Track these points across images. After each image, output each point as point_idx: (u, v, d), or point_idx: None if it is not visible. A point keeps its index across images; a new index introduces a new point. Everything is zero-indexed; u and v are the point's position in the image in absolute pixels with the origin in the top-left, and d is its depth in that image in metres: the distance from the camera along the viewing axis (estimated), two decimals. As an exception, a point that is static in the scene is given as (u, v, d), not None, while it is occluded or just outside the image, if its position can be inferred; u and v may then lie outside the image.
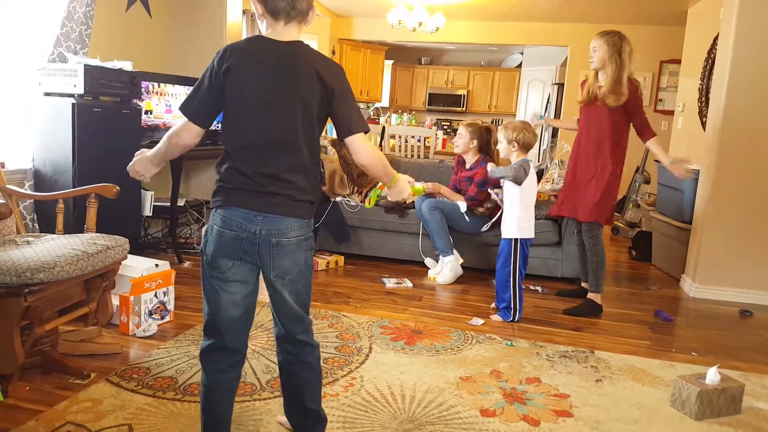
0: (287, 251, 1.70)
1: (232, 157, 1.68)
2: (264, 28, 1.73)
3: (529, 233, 3.47)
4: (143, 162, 1.90)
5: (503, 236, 3.49)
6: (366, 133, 1.75)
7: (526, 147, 3.44)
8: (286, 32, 1.69)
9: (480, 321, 3.41)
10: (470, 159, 4.38)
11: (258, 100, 1.66)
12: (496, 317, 3.49)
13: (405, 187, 1.92)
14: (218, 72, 1.67)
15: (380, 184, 1.96)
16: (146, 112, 4.28)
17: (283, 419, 2.06)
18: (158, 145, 1.83)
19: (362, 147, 1.75)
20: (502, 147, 3.51)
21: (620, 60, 3.40)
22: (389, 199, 1.97)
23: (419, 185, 2.10)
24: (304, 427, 1.93)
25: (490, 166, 3.66)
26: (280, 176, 1.66)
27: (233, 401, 1.84)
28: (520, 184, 3.37)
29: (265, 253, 1.68)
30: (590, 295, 3.71)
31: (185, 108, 1.71)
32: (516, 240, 3.43)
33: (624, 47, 3.41)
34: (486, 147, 4.34)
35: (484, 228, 4.25)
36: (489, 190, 3.99)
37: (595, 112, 3.56)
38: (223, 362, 1.77)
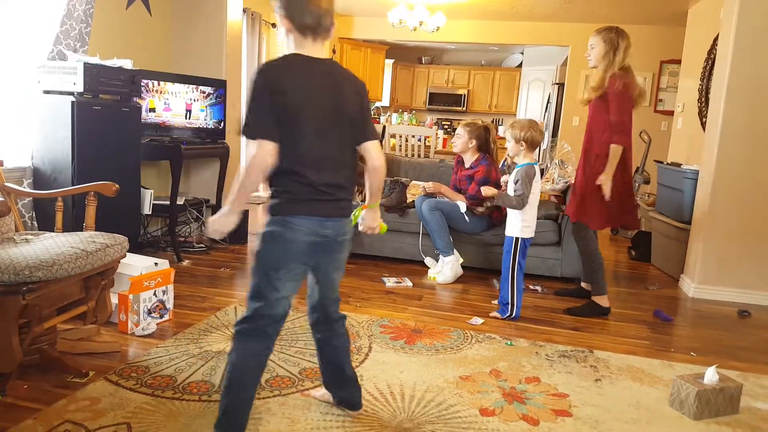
0: (346, 245, 2.00)
1: (297, 171, 1.80)
2: (291, 43, 1.85)
3: (527, 233, 3.48)
4: (223, 220, 1.86)
5: (507, 234, 3.52)
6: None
7: (533, 145, 3.45)
8: (316, 49, 1.85)
9: (480, 320, 3.41)
10: (469, 158, 4.37)
11: (316, 118, 1.81)
12: (494, 313, 3.50)
13: (378, 216, 2.19)
14: (275, 92, 1.76)
15: (363, 204, 2.14)
16: (150, 110, 4.28)
17: (320, 393, 2.30)
18: (239, 193, 1.80)
19: (378, 152, 1.98)
20: (510, 146, 3.51)
21: (614, 57, 3.37)
22: (362, 225, 2.19)
23: (384, 224, 2.27)
24: (350, 392, 2.21)
25: (496, 193, 3.62)
26: (341, 184, 1.89)
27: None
28: (523, 206, 3.41)
29: (329, 250, 1.93)
30: (593, 298, 3.67)
31: (264, 132, 1.75)
32: (517, 239, 3.45)
33: (620, 43, 3.37)
34: (485, 146, 4.34)
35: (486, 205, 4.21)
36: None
37: (590, 110, 3.54)
38: (264, 345, 1.93)
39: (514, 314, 3.47)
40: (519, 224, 3.44)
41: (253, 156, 1.75)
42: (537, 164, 3.48)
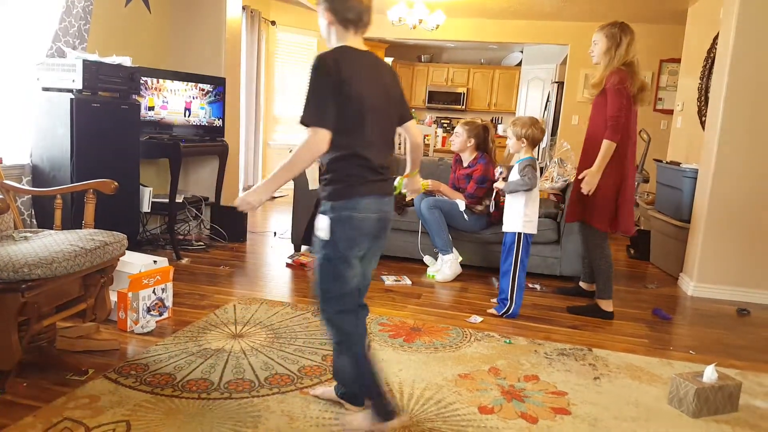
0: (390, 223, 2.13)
1: (361, 154, 1.93)
2: (333, 35, 1.99)
3: (531, 228, 3.47)
4: (260, 193, 1.92)
5: (508, 230, 3.50)
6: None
7: (534, 143, 3.45)
8: (357, 42, 1.99)
9: (479, 318, 3.42)
10: (467, 157, 4.37)
11: (374, 105, 1.94)
12: (492, 310, 3.50)
13: (419, 179, 2.41)
14: (336, 81, 1.85)
15: (406, 171, 2.32)
16: (149, 108, 4.28)
17: (320, 391, 2.33)
18: (282, 172, 1.87)
19: (417, 129, 2.24)
20: (511, 143, 3.50)
21: (615, 53, 3.30)
22: (407, 189, 2.38)
23: (424, 181, 2.40)
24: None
25: (503, 184, 3.56)
26: (389, 165, 2.05)
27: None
28: (534, 187, 3.41)
29: (385, 227, 2.06)
30: (598, 301, 3.60)
31: (321, 120, 1.83)
32: (520, 234, 3.44)
33: (622, 39, 3.30)
34: (483, 145, 4.34)
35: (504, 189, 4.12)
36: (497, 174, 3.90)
37: (593, 108, 3.48)
38: (358, 318, 2.10)
39: (511, 311, 3.47)
40: (521, 219, 3.43)
41: (307, 141, 1.83)
42: (536, 159, 3.49)
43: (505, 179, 3.59)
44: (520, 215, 3.44)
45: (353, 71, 1.89)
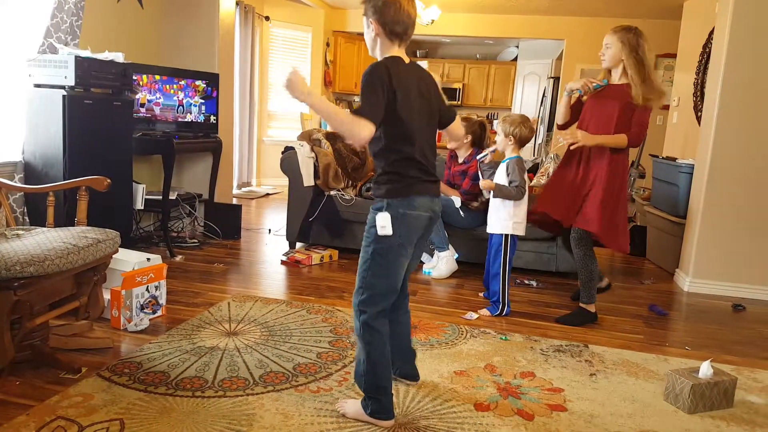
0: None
1: (414, 157, 2.07)
2: (378, 46, 2.11)
3: (519, 230, 3.46)
4: (306, 91, 1.95)
5: (494, 232, 3.48)
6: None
7: (522, 142, 3.44)
8: (402, 53, 2.12)
9: (474, 315, 3.41)
10: (463, 153, 4.36)
11: (421, 111, 2.10)
12: (484, 311, 3.48)
13: None
14: (389, 88, 1.98)
15: None
16: (142, 104, 4.26)
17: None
18: (324, 108, 1.95)
19: (460, 124, 2.40)
20: (499, 140, 3.49)
21: (638, 57, 3.12)
22: None
23: None
24: (413, 366, 2.47)
25: (491, 188, 3.47)
26: (435, 166, 2.18)
27: None
28: (524, 196, 3.40)
29: (432, 225, 2.18)
30: (582, 305, 3.45)
31: (371, 115, 1.93)
32: (507, 236, 3.43)
33: (640, 44, 3.13)
34: (479, 141, 4.33)
35: (486, 196, 3.95)
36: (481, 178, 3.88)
37: (604, 107, 3.26)
38: (387, 322, 2.17)
39: (505, 312, 3.46)
40: (509, 221, 3.41)
41: (355, 121, 1.90)
42: (522, 158, 3.47)
43: (487, 169, 3.58)
44: (509, 217, 3.41)
45: (403, 81, 2.02)
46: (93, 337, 2.75)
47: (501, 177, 3.46)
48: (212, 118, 4.78)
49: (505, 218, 3.43)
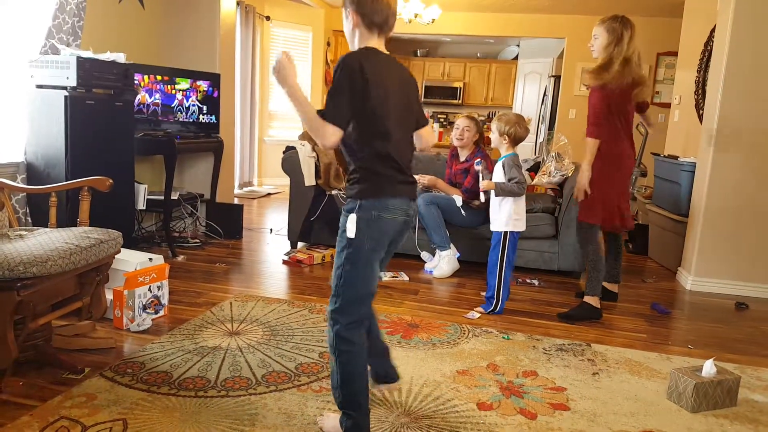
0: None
1: (389, 155, 1.94)
2: (357, 38, 2.01)
3: (520, 226, 3.46)
4: (292, 81, 1.91)
5: (495, 229, 3.49)
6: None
7: (516, 141, 3.44)
8: (381, 45, 2.01)
9: (476, 314, 3.41)
10: (465, 152, 4.36)
11: (397, 106, 1.97)
12: (479, 308, 3.47)
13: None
14: (361, 83, 1.86)
15: None
16: (144, 104, 4.26)
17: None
18: (299, 100, 1.89)
19: (431, 133, 2.26)
20: (494, 138, 3.48)
21: (618, 48, 3.21)
22: None
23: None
24: (389, 364, 2.25)
25: (492, 188, 3.47)
26: (411, 166, 2.06)
27: None
28: (524, 193, 3.41)
29: (405, 230, 2.05)
30: (586, 299, 3.46)
31: (336, 118, 1.85)
32: (506, 233, 3.43)
33: (624, 34, 3.21)
34: (480, 139, 4.35)
35: (482, 199, 4.03)
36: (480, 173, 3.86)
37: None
38: (366, 326, 2.04)
39: (497, 309, 3.45)
40: (508, 218, 3.42)
41: (322, 127, 1.83)
42: (517, 155, 3.47)
43: (484, 176, 3.61)
44: (509, 214, 3.42)
45: (377, 74, 1.90)
46: (96, 338, 2.75)
47: (498, 175, 3.46)
48: (213, 117, 4.78)
49: (505, 215, 3.43)
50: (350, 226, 1.92)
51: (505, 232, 3.43)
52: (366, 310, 2.02)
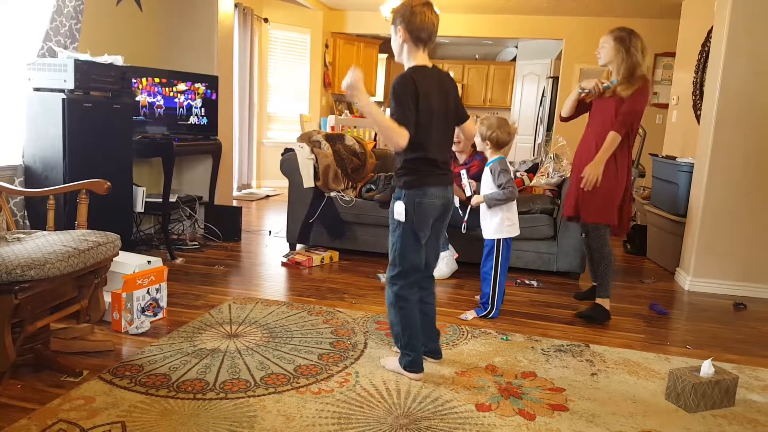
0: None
1: (429, 154, 2.39)
2: (405, 51, 2.40)
3: (514, 231, 3.43)
4: (364, 98, 2.30)
5: (486, 237, 3.46)
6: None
7: (498, 145, 3.35)
8: (425, 58, 2.41)
9: (470, 315, 3.40)
10: (463, 155, 4.36)
11: (440, 115, 2.41)
12: (472, 312, 3.45)
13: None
14: (417, 96, 2.31)
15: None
16: (142, 107, 4.26)
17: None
18: (375, 116, 2.31)
19: (473, 125, 2.73)
20: (477, 141, 3.43)
21: (629, 54, 3.23)
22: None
23: None
24: (437, 343, 2.74)
25: (481, 198, 3.48)
26: (449, 161, 2.56)
27: None
28: (515, 197, 3.39)
29: (449, 210, 2.54)
30: (599, 301, 3.49)
31: (407, 122, 2.29)
32: (499, 240, 3.41)
33: (633, 42, 3.24)
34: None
35: (464, 223, 4.01)
36: (463, 179, 3.85)
37: (605, 106, 3.34)
38: (418, 292, 2.56)
39: (492, 314, 3.42)
40: (500, 225, 3.39)
41: (398, 130, 2.27)
42: (505, 158, 3.44)
43: (476, 192, 3.59)
44: (500, 221, 3.39)
45: (426, 88, 2.32)
46: (94, 340, 2.75)
47: (487, 180, 3.42)
48: (212, 120, 4.78)
49: (497, 222, 3.41)
50: (398, 209, 2.41)
51: (499, 240, 3.42)
52: (417, 275, 2.50)
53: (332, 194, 4.65)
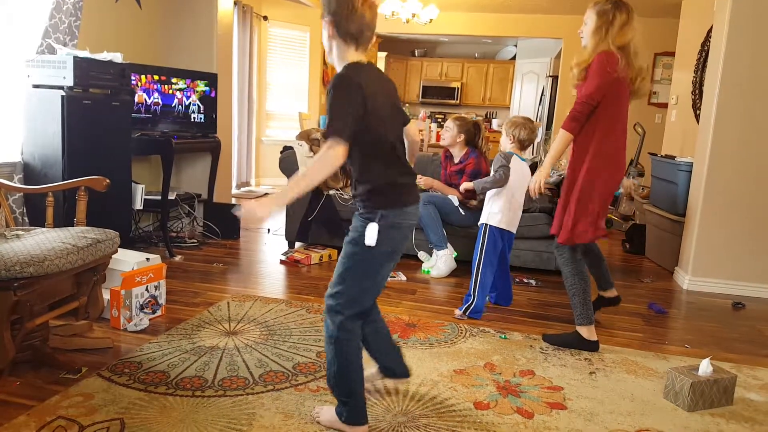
0: None
1: (392, 160, 2.00)
2: (335, 50, 1.99)
3: (506, 225, 3.40)
4: (269, 206, 1.87)
5: (480, 221, 3.48)
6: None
7: (521, 142, 3.44)
8: (359, 57, 1.98)
9: (458, 312, 3.39)
10: (458, 153, 4.38)
11: (389, 117, 2.01)
12: (456, 310, 3.43)
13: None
14: (360, 98, 1.87)
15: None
16: (141, 104, 4.25)
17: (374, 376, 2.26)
18: (296, 185, 1.86)
19: (415, 127, 2.34)
20: (502, 140, 3.51)
21: (608, 33, 2.79)
22: None
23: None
24: (402, 363, 2.26)
25: (470, 184, 3.56)
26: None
27: None
28: (505, 185, 3.37)
29: (412, 232, 2.09)
30: (577, 328, 2.97)
31: (341, 134, 1.84)
32: (486, 226, 3.39)
33: (617, 17, 2.82)
34: (473, 140, 4.35)
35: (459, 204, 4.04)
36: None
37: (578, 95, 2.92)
38: (360, 325, 2.08)
39: (473, 308, 3.32)
40: (491, 211, 3.39)
41: (325, 155, 1.84)
42: (512, 153, 3.44)
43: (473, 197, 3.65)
44: (488, 207, 3.43)
45: (371, 87, 1.92)
46: (93, 337, 2.75)
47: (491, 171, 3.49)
48: (211, 118, 4.78)
49: (489, 209, 3.43)
50: (370, 234, 1.93)
51: (487, 227, 3.40)
52: (368, 304, 2.09)
53: (331, 192, 4.65)
